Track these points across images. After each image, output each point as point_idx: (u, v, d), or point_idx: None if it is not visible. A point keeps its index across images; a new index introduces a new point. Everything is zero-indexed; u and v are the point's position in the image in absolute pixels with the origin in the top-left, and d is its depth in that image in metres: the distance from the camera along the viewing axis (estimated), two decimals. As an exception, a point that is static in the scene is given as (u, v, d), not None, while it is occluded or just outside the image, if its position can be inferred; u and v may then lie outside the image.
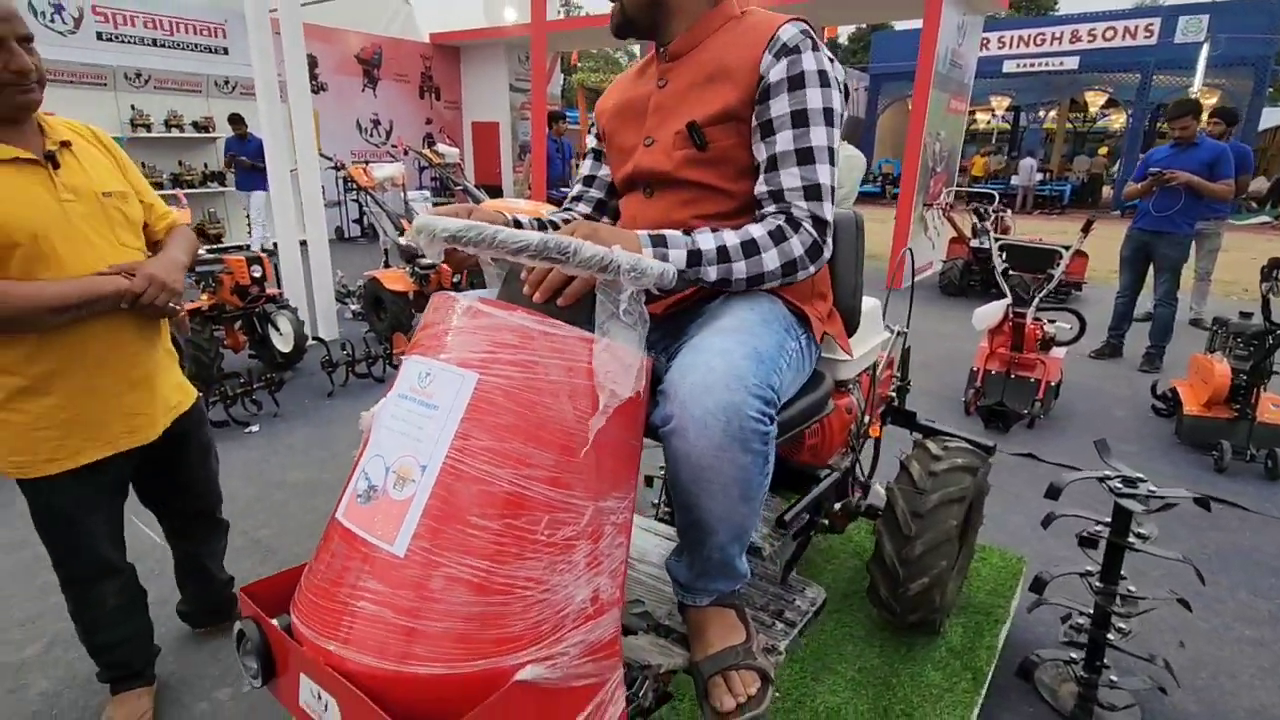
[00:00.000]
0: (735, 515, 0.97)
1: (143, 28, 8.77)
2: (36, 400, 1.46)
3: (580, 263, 0.80)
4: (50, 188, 1.43)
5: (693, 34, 1.17)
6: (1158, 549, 1.80)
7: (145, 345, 1.61)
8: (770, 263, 1.07)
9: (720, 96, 1.12)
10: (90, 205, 1.48)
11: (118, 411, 1.56)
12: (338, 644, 0.76)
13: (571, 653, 0.79)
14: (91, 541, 1.65)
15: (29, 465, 1.49)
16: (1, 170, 1.37)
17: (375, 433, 0.87)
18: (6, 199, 1.36)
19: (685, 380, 0.91)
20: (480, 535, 0.77)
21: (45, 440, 1.48)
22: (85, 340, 1.47)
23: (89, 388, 1.50)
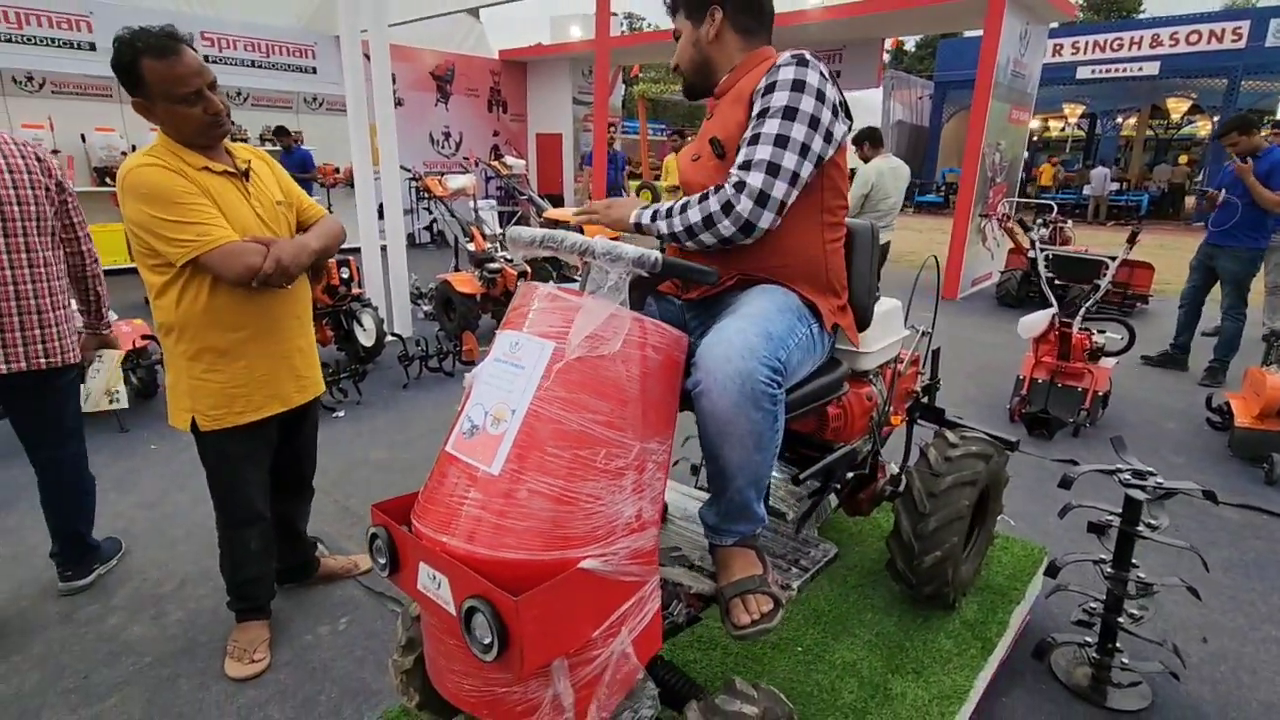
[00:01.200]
0: (751, 463, 1.21)
1: (243, 50, 9.58)
2: (231, 363, 1.85)
3: (568, 249, 1.13)
4: (245, 195, 1.85)
5: (732, 76, 1.46)
6: (1165, 538, 1.93)
7: (304, 318, 2.03)
8: (693, 216, 1.34)
9: (734, 116, 1.39)
10: (269, 210, 1.90)
11: (290, 373, 1.96)
12: (448, 536, 1.03)
13: (621, 554, 1.04)
14: (249, 490, 2.03)
15: (222, 418, 1.88)
16: (218, 179, 1.79)
17: (476, 388, 1.15)
18: (225, 202, 1.77)
19: (710, 353, 1.16)
20: (555, 460, 1.03)
21: (237, 396, 1.87)
22: (266, 312, 1.86)
23: (270, 352, 1.90)
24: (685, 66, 1.49)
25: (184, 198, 1.68)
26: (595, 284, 1.10)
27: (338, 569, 2.51)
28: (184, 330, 1.82)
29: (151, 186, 1.67)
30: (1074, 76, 17.09)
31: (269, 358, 1.90)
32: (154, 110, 1.76)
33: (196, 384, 1.86)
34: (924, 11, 8.29)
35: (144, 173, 1.68)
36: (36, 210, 2.12)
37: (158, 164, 1.70)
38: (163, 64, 1.69)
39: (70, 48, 8.15)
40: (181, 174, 1.72)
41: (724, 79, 1.46)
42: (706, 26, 1.43)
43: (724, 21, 1.42)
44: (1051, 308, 4.01)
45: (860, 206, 5.31)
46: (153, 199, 1.66)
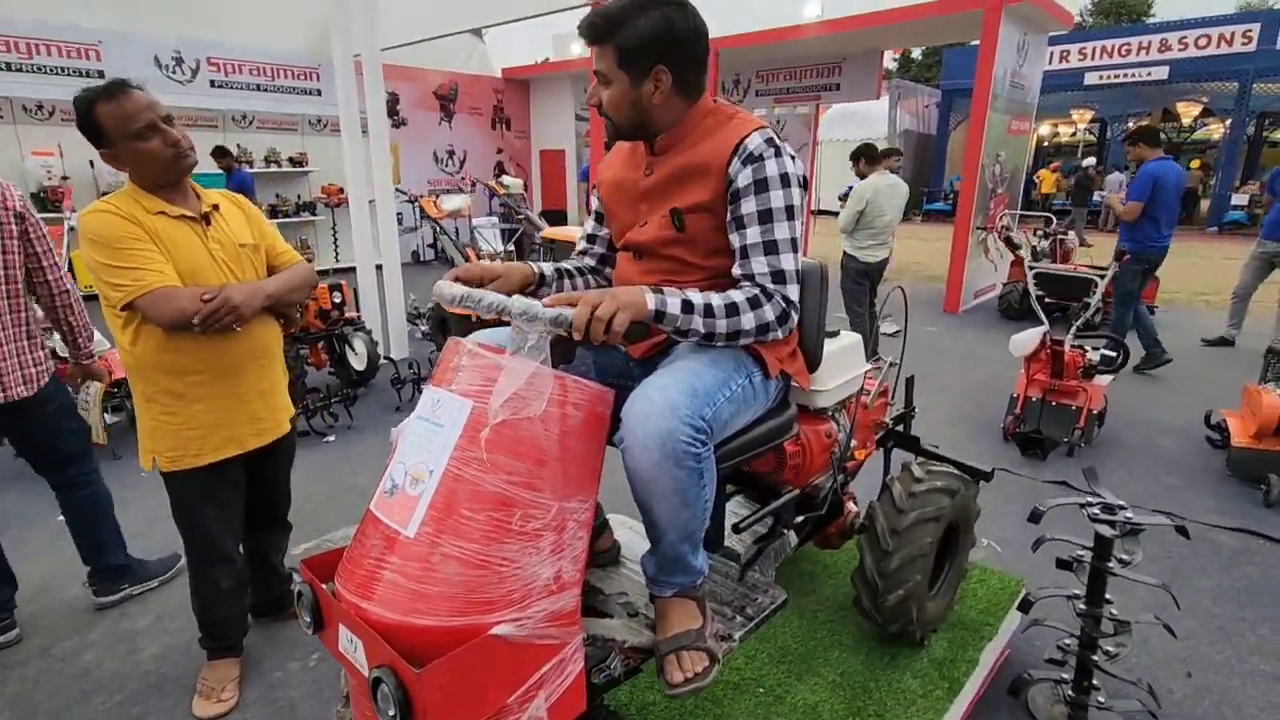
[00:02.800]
0: (679, 519, 1.20)
1: (248, 74, 9.74)
2: (187, 405, 1.87)
3: (485, 308, 1.10)
4: (203, 239, 1.87)
5: (672, 135, 1.39)
6: (1138, 574, 1.88)
7: (270, 361, 2.03)
8: (748, 323, 1.29)
9: (696, 192, 1.35)
10: (230, 253, 1.92)
11: (247, 416, 1.97)
12: (365, 601, 1.03)
13: (537, 617, 1.03)
14: (214, 529, 2.04)
15: (179, 459, 1.90)
16: (173, 223, 1.81)
17: (400, 444, 1.15)
18: (175, 245, 1.80)
19: (632, 410, 1.15)
20: (469, 523, 1.03)
21: (193, 439, 1.89)
22: (225, 356, 1.88)
23: (228, 395, 1.91)
24: (619, 120, 1.38)
25: (125, 243, 1.71)
26: (516, 343, 1.10)
27: None
28: (141, 371, 1.85)
29: (97, 232, 1.71)
30: (1082, 82, 16.95)
31: (225, 399, 1.91)
32: (119, 155, 1.79)
33: (155, 425, 1.89)
34: (921, 24, 8.27)
35: (93, 218, 1.73)
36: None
37: (109, 210, 1.74)
38: (113, 104, 1.74)
39: (80, 76, 8.32)
40: (134, 219, 1.74)
41: (666, 135, 1.40)
42: (649, 87, 1.32)
43: (670, 84, 1.33)
44: (1043, 325, 3.96)
45: (855, 223, 5.29)
46: (98, 244, 1.71)
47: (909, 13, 7.93)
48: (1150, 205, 4.99)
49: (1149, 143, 5.13)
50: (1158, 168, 5.00)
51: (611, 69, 1.33)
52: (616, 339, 1.11)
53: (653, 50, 1.30)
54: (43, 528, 3.12)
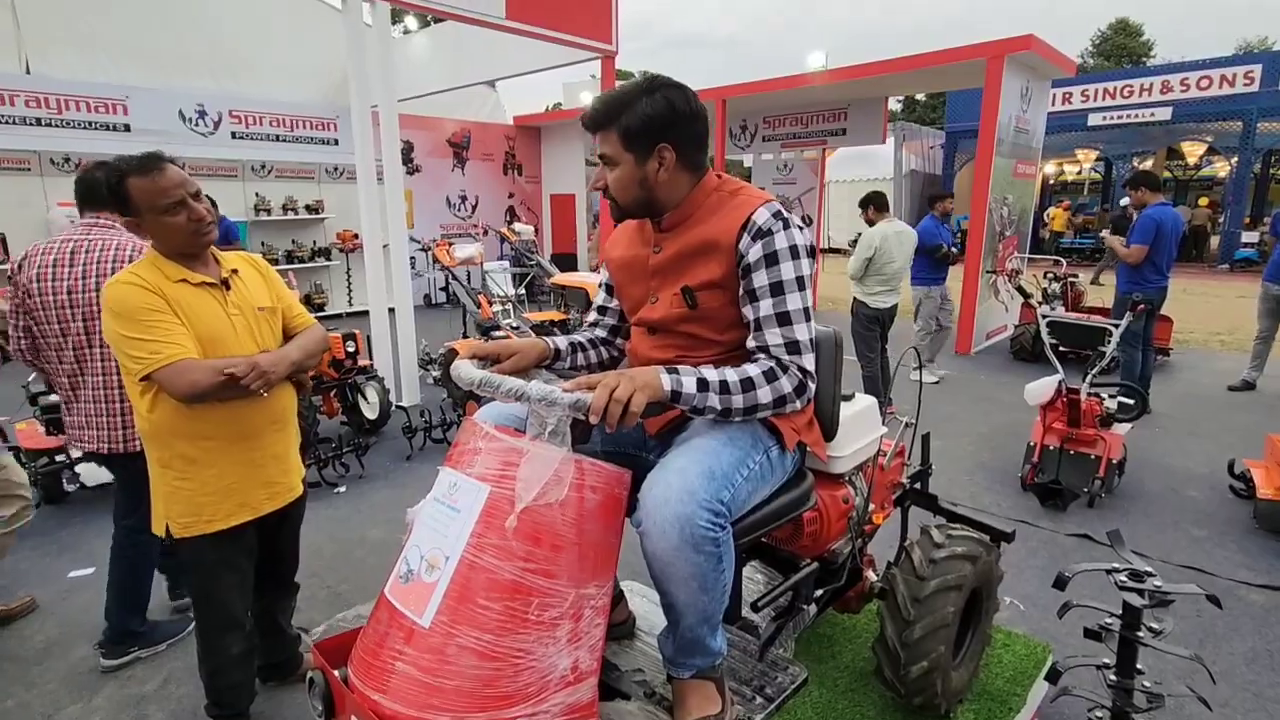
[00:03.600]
0: (698, 603, 1.17)
1: (269, 125, 10.03)
2: (201, 470, 1.87)
3: (504, 394, 1.09)
4: (223, 304, 1.90)
5: (680, 212, 1.41)
6: (1169, 645, 1.82)
7: (283, 425, 2.05)
8: (764, 397, 1.29)
9: (707, 269, 1.36)
10: (249, 318, 1.95)
11: (261, 480, 1.97)
12: (379, 694, 1.01)
13: (554, 711, 1.01)
14: (226, 596, 2.03)
15: (192, 524, 1.90)
16: (194, 291, 1.85)
17: (416, 527, 1.14)
18: (195, 312, 1.84)
19: (650, 493, 1.14)
20: (485, 613, 1.01)
21: (206, 504, 1.89)
22: (238, 421, 1.89)
23: (241, 460, 1.92)
24: (623, 198, 1.40)
25: (146, 315, 1.74)
26: (536, 428, 1.09)
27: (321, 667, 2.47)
28: (157, 437, 1.86)
29: (120, 304, 1.74)
30: (1085, 123, 17.16)
31: (240, 465, 1.92)
32: (144, 226, 1.84)
33: (169, 491, 1.89)
34: (924, 73, 8.44)
35: (116, 289, 1.76)
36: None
37: (133, 281, 1.77)
38: (146, 179, 1.79)
39: (107, 129, 8.59)
40: (157, 289, 1.78)
41: (673, 213, 1.41)
42: (654, 164, 1.35)
43: (674, 161, 1.36)
44: (1058, 373, 3.92)
45: (864, 270, 5.31)
46: (119, 315, 1.74)
47: (912, 62, 8.10)
48: (1150, 249, 5.05)
49: (1150, 187, 5.21)
50: (1158, 213, 5.07)
51: (617, 151, 1.36)
52: (633, 421, 1.10)
53: (656, 129, 1.34)
54: (52, 586, 3.11)
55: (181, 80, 9.38)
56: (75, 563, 3.30)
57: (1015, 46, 7.05)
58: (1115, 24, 35.58)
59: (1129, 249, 5.12)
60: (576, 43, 6.90)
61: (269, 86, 10.13)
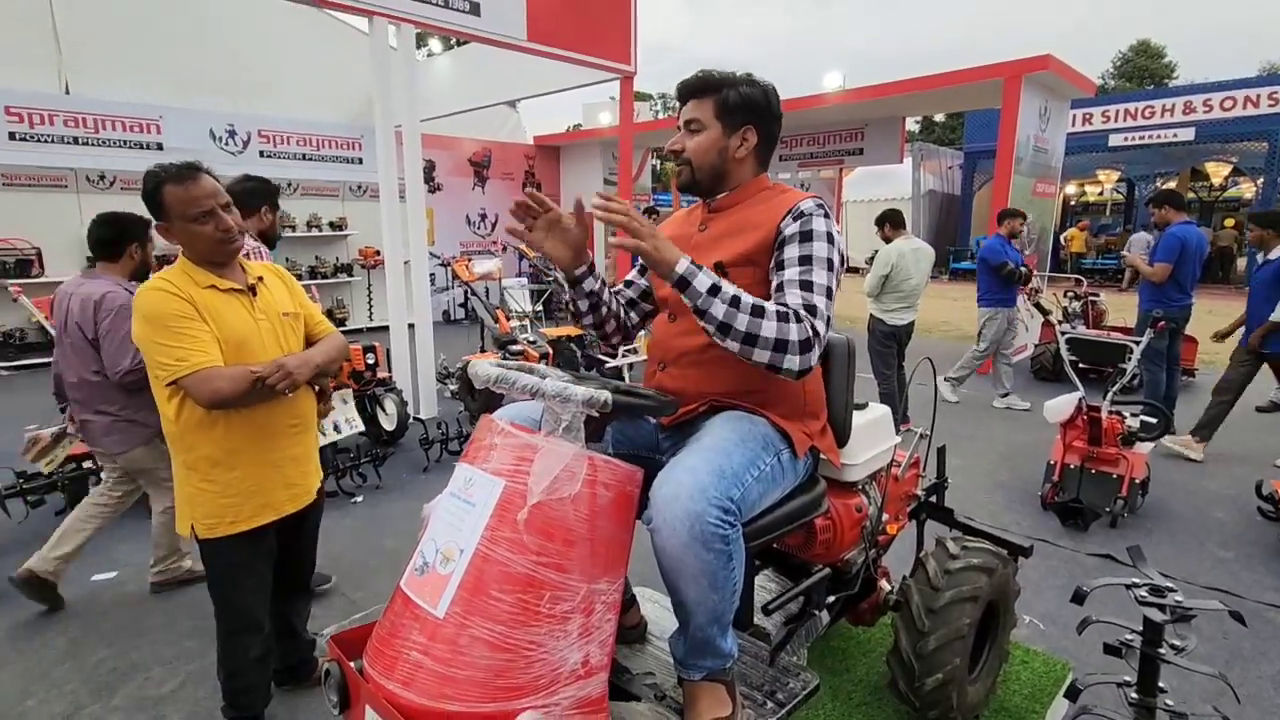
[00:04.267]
0: (708, 601, 1.18)
1: (295, 145, 10.29)
2: (225, 472, 1.92)
3: (520, 390, 1.11)
4: (250, 310, 1.96)
5: (735, 195, 1.51)
6: (1192, 663, 1.78)
7: (304, 429, 2.09)
8: (768, 330, 1.26)
9: (744, 243, 1.43)
10: (274, 322, 2.01)
11: (282, 482, 2.01)
12: (394, 684, 1.02)
13: (564, 704, 1.02)
14: (248, 598, 2.07)
15: (216, 525, 1.94)
16: (222, 296, 1.92)
17: (432, 521, 1.16)
18: (223, 317, 1.89)
19: (661, 490, 1.15)
20: (498, 605, 1.02)
21: (229, 506, 1.93)
22: (261, 424, 1.94)
23: (263, 461, 1.96)
24: (699, 165, 1.49)
25: (175, 322, 1.79)
26: (550, 424, 1.12)
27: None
28: (182, 440, 1.91)
29: (149, 309, 1.80)
30: (1106, 144, 17.07)
31: (261, 466, 1.96)
32: (173, 232, 1.90)
33: (194, 492, 1.93)
34: (942, 93, 8.47)
35: (147, 295, 1.82)
36: None
37: (163, 288, 1.83)
38: (180, 188, 1.85)
39: (141, 148, 8.86)
40: (186, 295, 1.84)
41: (727, 195, 1.52)
42: (737, 140, 1.48)
43: (754, 144, 1.50)
44: (1078, 390, 3.88)
45: (880, 288, 5.30)
46: (149, 321, 1.79)
47: (929, 82, 8.13)
48: (1174, 267, 5.01)
49: (1174, 205, 5.18)
50: (1183, 231, 5.04)
51: (708, 117, 1.48)
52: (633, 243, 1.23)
53: (749, 110, 1.49)
54: (74, 589, 3.15)
55: (212, 101, 9.67)
56: (98, 567, 3.36)
57: (1033, 66, 7.07)
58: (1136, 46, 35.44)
59: (1153, 267, 5.08)
60: (596, 64, 7.02)
61: (296, 108, 10.40)
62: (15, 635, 2.80)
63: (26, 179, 8.18)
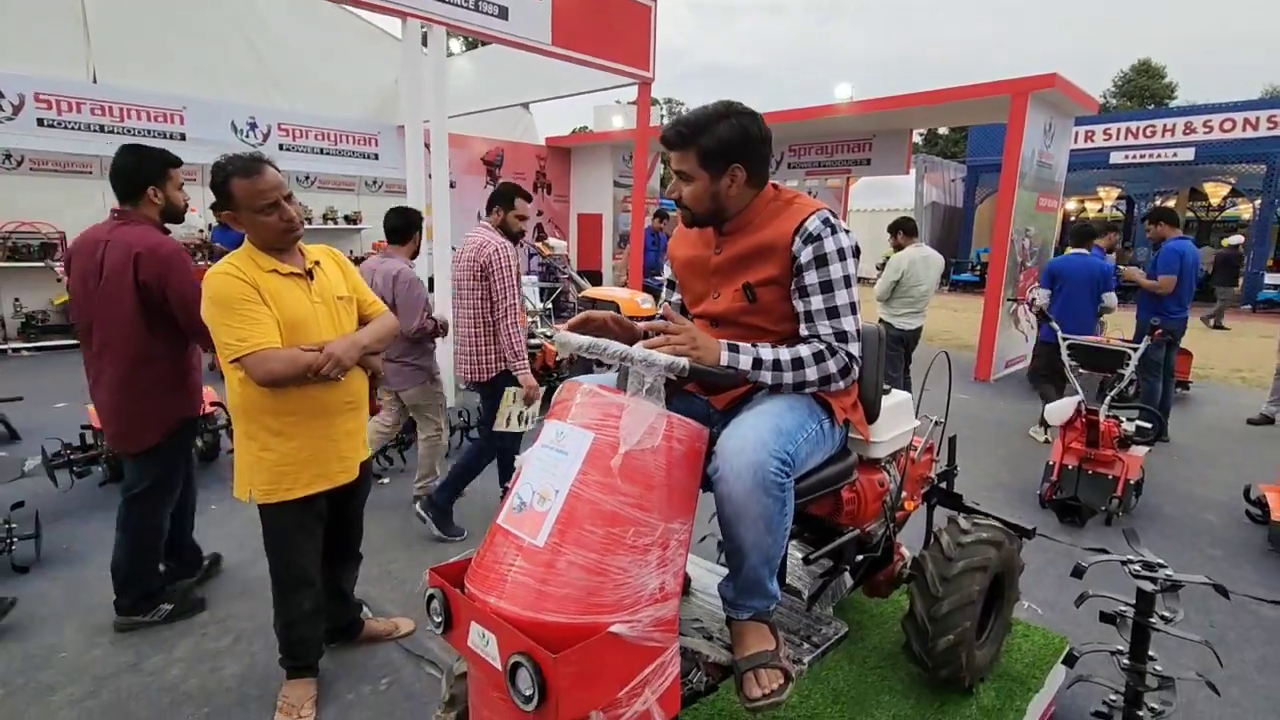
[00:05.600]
0: (763, 543, 1.35)
1: (314, 139, 10.47)
2: (284, 442, 2.08)
3: (610, 356, 1.30)
4: (308, 292, 2.12)
5: (741, 219, 1.60)
6: (1180, 630, 1.96)
7: (357, 406, 2.25)
8: (811, 375, 1.49)
9: (766, 269, 1.56)
10: (330, 305, 2.16)
11: (335, 454, 2.17)
12: (496, 598, 1.20)
13: (645, 621, 1.19)
14: (302, 558, 2.23)
15: (273, 492, 2.10)
16: (283, 280, 2.07)
17: (525, 470, 1.34)
18: (282, 299, 2.04)
19: (727, 445, 1.33)
20: (590, 536, 1.20)
21: (286, 474, 2.10)
22: (317, 399, 2.10)
23: (318, 434, 2.12)
24: (696, 209, 1.58)
25: (239, 305, 1.94)
26: (635, 386, 1.30)
27: (380, 631, 2.67)
28: (245, 411, 2.08)
29: (217, 292, 1.96)
30: (1107, 161, 17.33)
31: (316, 439, 2.11)
32: (240, 220, 2.06)
33: (254, 460, 2.09)
34: (950, 107, 8.68)
35: (215, 279, 1.98)
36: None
37: (229, 272, 1.98)
38: (248, 181, 2.00)
39: (163, 138, 9.03)
40: (250, 279, 1.99)
41: (731, 219, 1.60)
42: (726, 181, 1.53)
43: (745, 178, 1.54)
44: (1078, 394, 4.07)
45: (891, 293, 5.50)
46: (216, 302, 1.95)
47: (937, 96, 8.34)
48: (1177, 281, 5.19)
49: (1169, 222, 5.40)
50: (1180, 245, 5.24)
51: (694, 168, 1.54)
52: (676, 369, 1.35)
53: (730, 151, 1.52)
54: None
55: (234, 94, 9.86)
56: (143, 535, 3.52)
57: (1039, 84, 7.28)
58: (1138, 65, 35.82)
59: (1159, 280, 5.29)
60: (616, 69, 7.21)
61: (315, 103, 10.59)
62: (72, 594, 2.97)
63: (53, 165, 8.36)
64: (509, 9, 5.94)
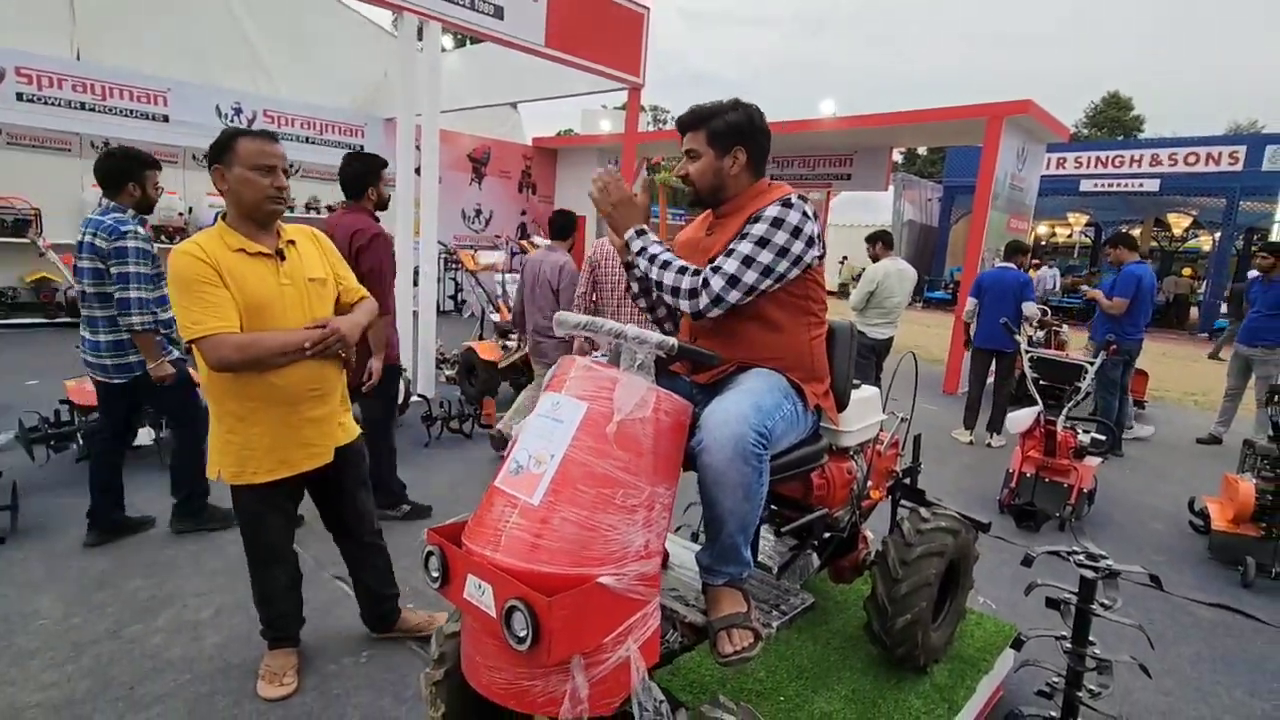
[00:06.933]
0: (740, 510, 1.47)
1: (299, 128, 10.43)
2: (247, 428, 2.07)
3: (605, 333, 1.40)
4: (275, 274, 2.07)
5: (734, 203, 1.79)
6: (1117, 616, 2.12)
7: (325, 395, 2.18)
8: (667, 278, 1.65)
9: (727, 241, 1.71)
10: (299, 287, 2.11)
11: (297, 441, 2.14)
12: (493, 551, 1.30)
13: (630, 575, 1.30)
14: (272, 536, 2.27)
15: (240, 474, 2.11)
16: (249, 260, 2.02)
17: (522, 437, 1.44)
18: (250, 279, 2.01)
19: (710, 418, 1.45)
20: (583, 496, 1.30)
21: (250, 458, 2.10)
22: (278, 387, 2.06)
23: (281, 422, 2.09)
24: (701, 186, 1.78)
25: (195, 286, 1.91)
26: (627, 361, 1.41)
27: (414, 624, 2.61)
28: (211, 393, 2.08)
29: (176, 272, 1.93)
30: (1077, 188, 17.91)
31: (279, 426, 2.09)
32: (227, 177, 2.01)
33: (222, 442, 2.10)
34: (929, 127, 8.96)
35: (176, 258, 1.94)
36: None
37: (190, 251, 1.94)
38: (256, 142, 2.02)
39: (147, 119, 8.95)
40: (211, 259, 1.95)
41: (729, 203, 1.79)
42: (729, 161, 1.74)
43: (745, 160, 1.75)
44: (1038, 405, 4.27)
45: (865, 303, 5.68)
46: (174, 282, 1.93)
47: (917, 115, 8.62)
48: (1130, 302, 5.48)
49: (1128, 246, 5.72)
50: (1138, 269, 5.54)
51: (702, 146, 1.76)
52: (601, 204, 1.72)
53: (735, 134, 1.74)
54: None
55: (221, 78, 9.79)
56: (121, 510, 3.53)
57: (1014, 109, 7.57)
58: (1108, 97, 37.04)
59: (1112, 301, 5.56)
60: (608, 73, 7.34)
61: (302, 91, 10.55)
62: (49, 565, 2.98)
63: (31, 139, 8.23)
64: (504, 8, 6.04)
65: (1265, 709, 2.60)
